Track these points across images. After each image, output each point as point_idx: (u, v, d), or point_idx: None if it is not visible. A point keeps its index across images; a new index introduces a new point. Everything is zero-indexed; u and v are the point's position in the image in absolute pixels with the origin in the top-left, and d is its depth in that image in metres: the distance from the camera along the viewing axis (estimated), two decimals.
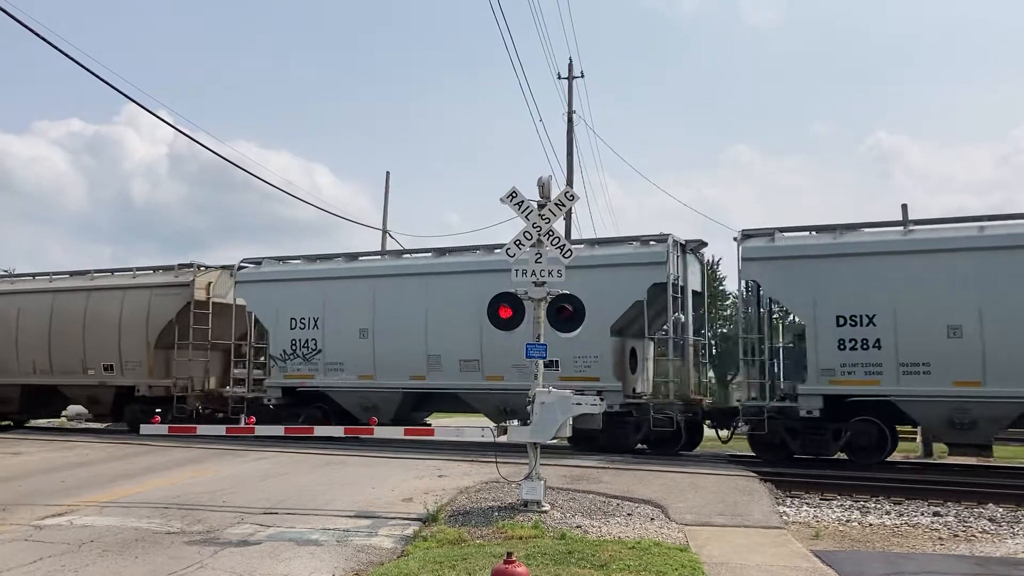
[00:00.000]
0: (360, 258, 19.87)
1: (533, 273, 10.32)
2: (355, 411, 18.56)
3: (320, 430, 12.98)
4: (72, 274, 23.23)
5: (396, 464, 13.81)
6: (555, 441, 11.72)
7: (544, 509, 9.68)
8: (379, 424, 15.68)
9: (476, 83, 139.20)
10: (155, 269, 22.41)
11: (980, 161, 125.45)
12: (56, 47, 13.61)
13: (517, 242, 10.47)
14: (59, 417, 26.63)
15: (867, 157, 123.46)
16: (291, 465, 13.72)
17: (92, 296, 21.79)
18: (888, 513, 10.90)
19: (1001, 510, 11.04)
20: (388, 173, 36.80)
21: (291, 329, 19.15)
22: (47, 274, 23.71)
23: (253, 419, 14.01)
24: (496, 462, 11.22)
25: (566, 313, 10.32)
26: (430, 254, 18.97)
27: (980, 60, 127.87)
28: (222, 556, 7.79)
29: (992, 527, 10.02)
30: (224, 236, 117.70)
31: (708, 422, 17.07)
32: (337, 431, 12.90)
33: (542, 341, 10.30)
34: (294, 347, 19.07)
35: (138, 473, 13.06)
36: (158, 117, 27.12)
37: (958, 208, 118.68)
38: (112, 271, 23.06)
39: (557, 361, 15.76)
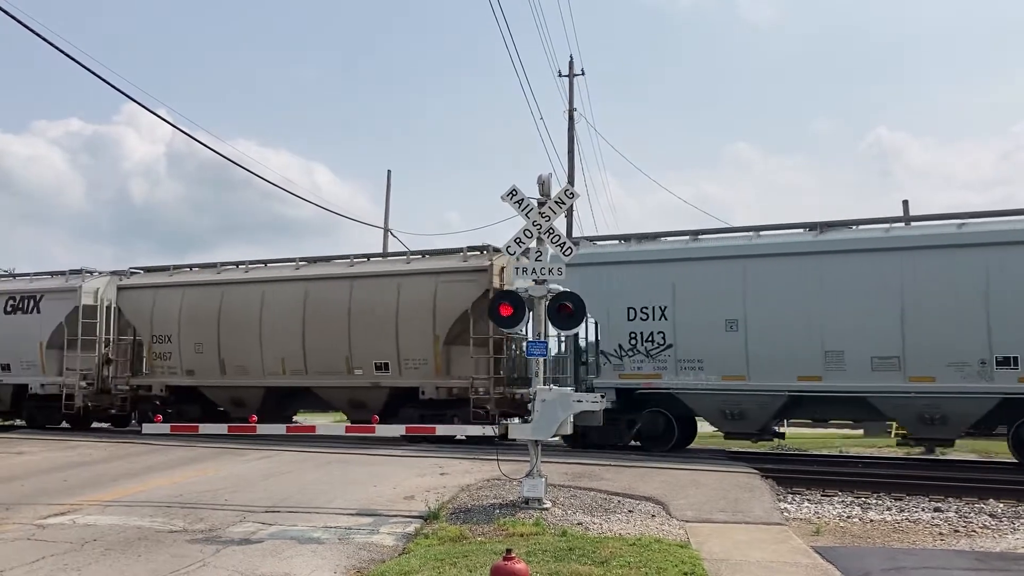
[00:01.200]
0: (714, 235, 16.76)
1: (533, 271, 10.35)
2: (713, 417, 16.03)
3: (322, 429, 12.98)
4: (317, 260, 20.27)
5: (398, 462, 13.83)
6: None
7: (545, 506, 9.71)
8: (750, 436, 16.08)
9: (476, 81, 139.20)
10: (429, 253, 19.50)
11: (981, 158, 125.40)
12: (55, 46, 13.61)
13: (517, 240, 10.50)
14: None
15: (868, 155, 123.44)
16: (293, 464, 13.75)
17: (358, 285, 18.78)
18: (889, 509, 10.92)
19: (1002, 506, 11.05)
20: (389, 172, 36.81)
21: (629, 320, 16.20)
22: (289, 261, 20.55)
23: (254, 417, 14.02)
24: (497, 460, 11.24)
25: (566, 310, 10.34)
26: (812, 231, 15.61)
27: (981, 56, 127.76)
28: (224, 554, 7.82)
29: (993, 522, 10.03)
30: (224, 235, 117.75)
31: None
32: (338, 429, 12.93)
33: (543, 339, 10.33)
34: (633, 342, 16.29)
35: (140, 472, 13.09)
36: (157, 115, 27.19)
37: (960, 204, 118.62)
38: (383, 255, 21.23)
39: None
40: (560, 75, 31.21)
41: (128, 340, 21.72)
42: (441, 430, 12.79)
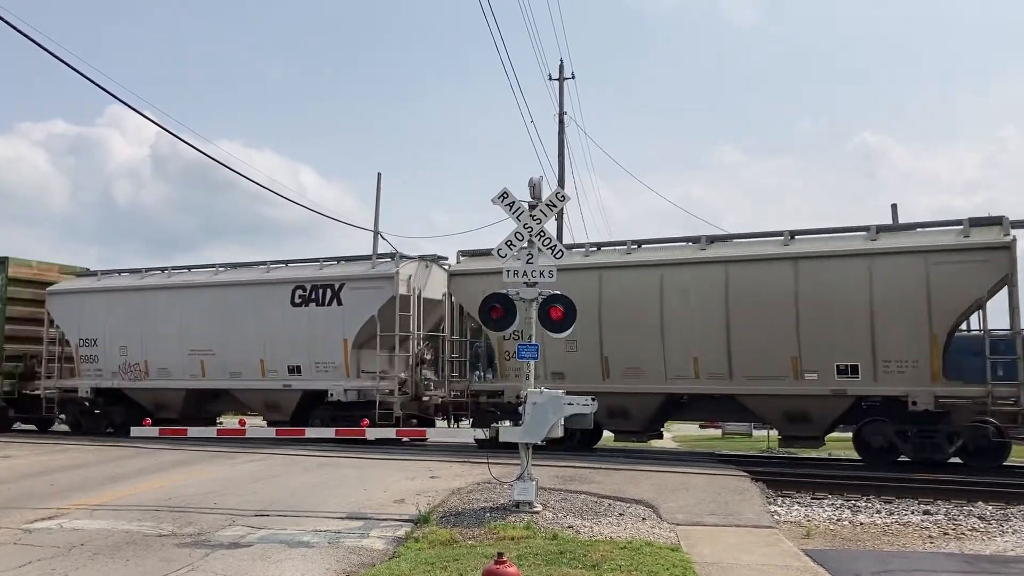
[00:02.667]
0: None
1: (524, 274, 10.34)
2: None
3: (311, 431, 12.95)
4: (712, 239, 16.59)
5: (388, 465, 13.79)
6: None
7: (536, 509, 9.69)
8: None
9: (466, 84, 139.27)
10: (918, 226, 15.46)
11: (965, 161, 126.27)
12: (39, 44, 13.48)
13: (508, 243, 10.48)
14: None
15: (853, 157, 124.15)
16: (283, 467, 13.69)
17: (803, 266, 15.10)
18: (879, 512, 10.94)
19: (990, 508, 11.09)
20: (379, 175, 36.57)
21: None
22: (687, 239, 16.92)
23: (243, 421, 13.95)
24: (488, 463, 11.22)
25: (557, 313, 10.33)
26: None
27: (966, 61, 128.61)
28: (213, 558, 7.77)
29: (982, 525, 10.07)
30: (209, 236, 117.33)
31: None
32: (328, 432, 12.88)
33: (534, 341, 10.31)
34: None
35: (129, 476, 13.01)
36: (143, 115, 27.02)
37: (944, 207, 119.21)
38: (875, 228, 15.15)
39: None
40: (551, 79, 31.26)
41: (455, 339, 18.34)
42: (432, 435, 12.76)
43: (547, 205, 10.57)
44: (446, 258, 19.46)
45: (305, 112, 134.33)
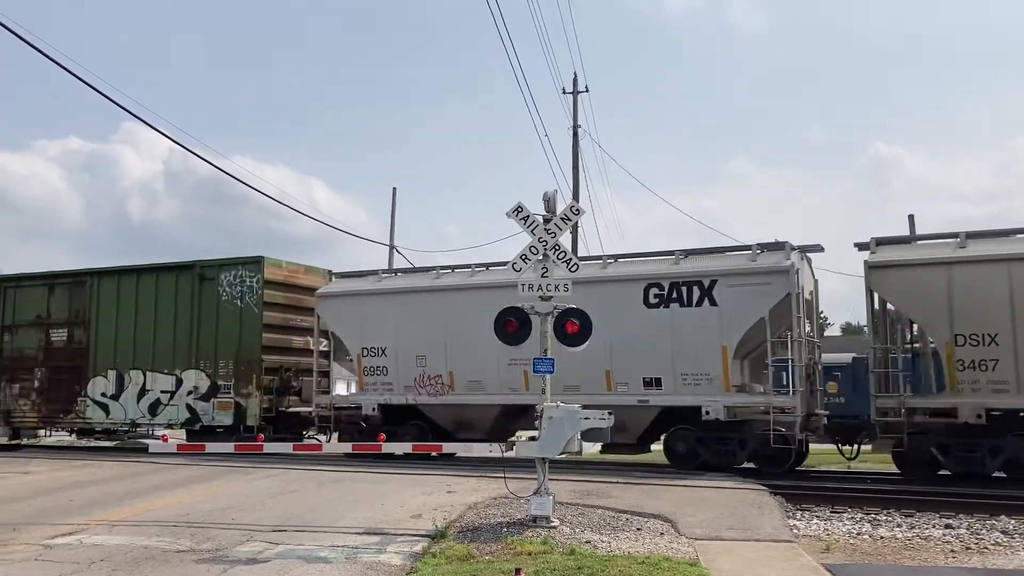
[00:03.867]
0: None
1: (539, 288, 10.35)
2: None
3: (328, 447, 12.98)
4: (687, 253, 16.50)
5: (405, 480, 13.79)
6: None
7: (553, 524, 9.66)
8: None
9: (479, 98, 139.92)
10: None
11: (980, 170, 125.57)
12: (55, 60, 13.72)
13: (523, 257, 10.51)
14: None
15: (866, 168, 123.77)
16: (299, 482, 13.72)
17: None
18: (899, 526, 10.83)
19: (1014, 522, 10.94)
20: (395, 189, 36.81)
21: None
22: None
23: (261, 436, 14.01)
24: (505, 477, 11.20)
25: (573, 327, 10.33)
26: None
27: (980, 69, 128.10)
28: (231, 574, 7.79)
29: (1005, 539, 9.94)
30: (222, 252, 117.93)
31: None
32: (345, 447, 12.92)
33: (549, 355, 10.31)
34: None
35: (147, 491, 13.07)
36: (158, 130, 27.22)
37: (958, 217, 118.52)
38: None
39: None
40: (564, 92, 31.40)
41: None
42: (447, 449, 12.75)
43: (562, 219, 10.59)
44: (819, 247, 16.57)
45: (318, 126, 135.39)
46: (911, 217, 24.94)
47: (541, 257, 10.44)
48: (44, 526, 10.19)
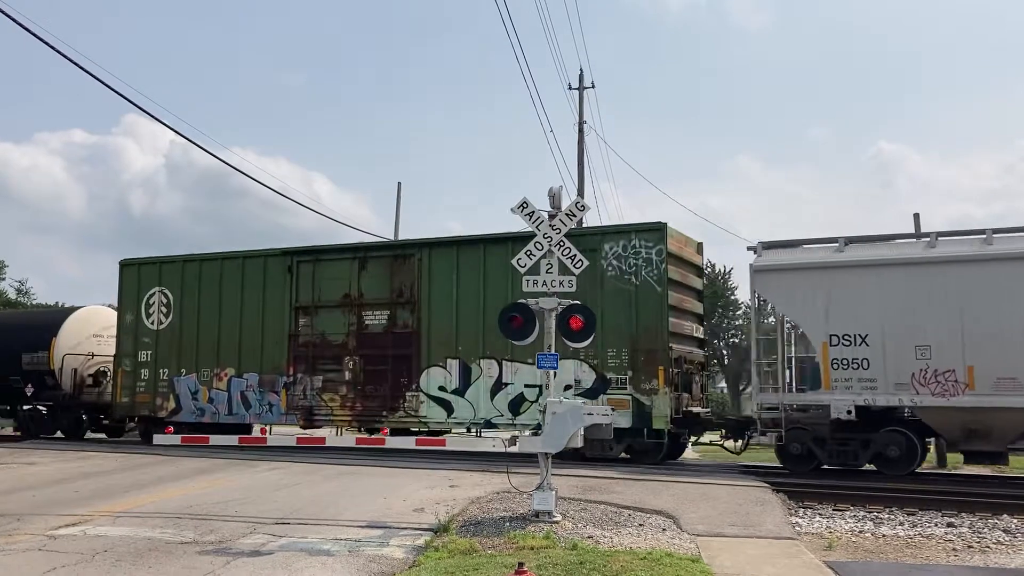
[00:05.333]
0: None
1: (544, 283, 10.36)
2: None
3: (331, 440, 13.00)
4: None
5: (408, 474, 13.82)
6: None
7: (555, 519, 9.67)
8: None
9: (484, 94, 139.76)
10: None
11: (984, 171, 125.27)
12: (57, 50, 13.74)
13: (528, 252, 10.51)
14: None
15: (869, 166, 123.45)
16: (303, 475, 13.76)
17: None
18: (902, 524, 10.83)
19: (1016, 521, 10.94)
20: (400, 184, 36.84)
21: None
22: None
23: (264, 429, 14.07)
24: (508, 472, 11.23)
25: (577, 323, 10.34)
26: None
27: (983, 69, 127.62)
28: (234, 566, 7.82)
29: (1007, 538, 9.94)
30: (225, 245, 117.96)
31: None
32: (349, 441, 12.94)
33: (554, 351, 10.32)
34: None
35: (151, 483, 13.12)
36: (160, 121, 27.41)
37: (962, 217, 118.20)
38: None
39: None
40: (570, 88, 31.37)
41: None
42: (450, 443, 12.77)
43: (567, 215, 10.59)
44: None
45: (320, 121, 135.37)
46: (916, 216, 24.76)
47: (546, 253, 10.46)
48: (48, 517, 10.23)
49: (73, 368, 22.42)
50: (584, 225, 16.42)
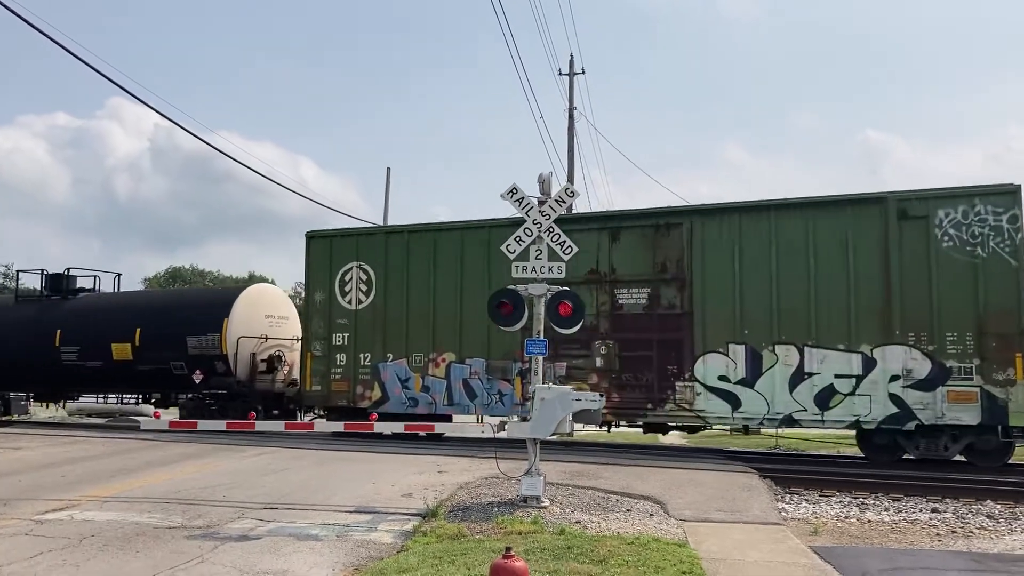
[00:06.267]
0: None
1: (533, 269, 10.36)
2: None
3: (320, 425, 12.99)
4: None
5: (396, 460, 13.84)
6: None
7: (543, 505, 9.71)
8: None
9: (473, 79, 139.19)
10: None
11: (970, 160, 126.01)
12: (38, 29, 13.53)
13: (517, 239, 10.50)
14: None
15: (856, 154, 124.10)
16: (291, 460, 13.75)
17: None
18: (887, 509, 10.93)
19: (999, 507, 11.06)
20: (389, 169, 36.76)
21: None
22: None
23: (253, 414, 14.01)
24: (496, 458, 11.26)
25: (566, 309, 10.35)
26: None
27: (971, 58, 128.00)
28: (222, 551, 7.82)
29: (990, 524, 10.05)
30: (211, 230, 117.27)
31: None
32: (337, 427, 12.93)
33: (542, 337, 10.33)
34: None
35: (139, 468, 13.09)
36: (145, 104, 27.14)
37: None
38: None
39: None
40: (560, 73, 31.29)
41: None
42: (440, 428, 12.79)
43: (556, 201, 10.58)
44: None
45: (306, 105, 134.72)
46: None
47: (535, 239, 10.45)
48: (35, 502, 10.20)
49: (251, 352, 20.16)
50: (918, 188, 14.55)
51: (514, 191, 10.53)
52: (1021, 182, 13.93)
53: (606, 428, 17.25)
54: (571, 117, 30.44)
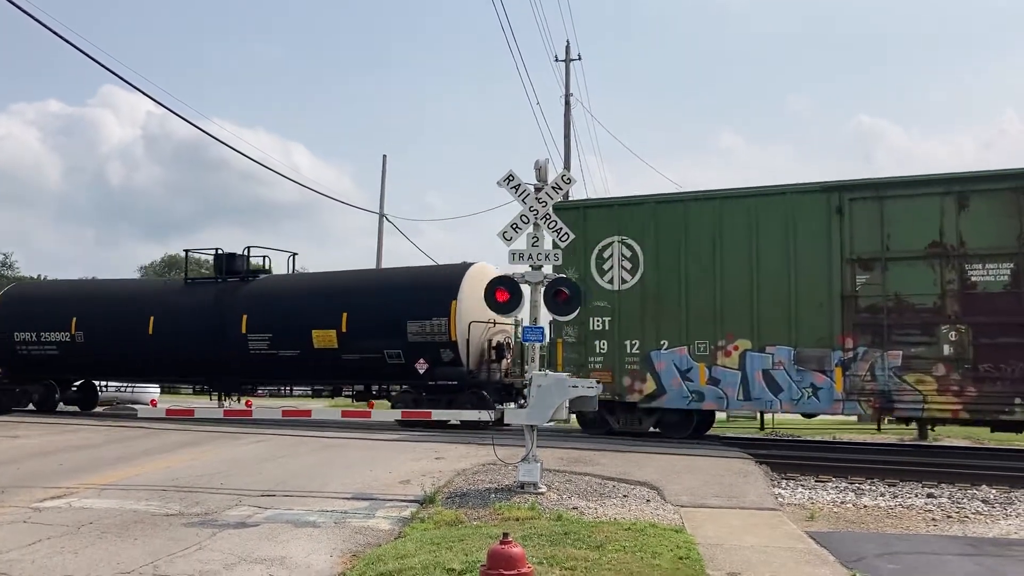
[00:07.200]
0: None
1: (530, 257, 10.35)
2: None
3: (317, 413, 13.01)
4: None
5: (394, 447, 13.86)
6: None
7: (540, 491, 9.73)
8: None
9: (468, 65, 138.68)
10: None
11: (964, 145, 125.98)
12: (34, 17, 13.45)
13: (514, 226, 10.48)
14: None
15: (849, 140, 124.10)
16: (289, 448, 13.77)
17: None
18: (883, 495, 10.98)
19: (994, 492, 11.12)
20: (384, 156, 36.63)
21: None
22: None
23: (251, 401, 14.05)
24: (493, 444, 11.27)
25: (563, 296, 10.35)
26: None
27: (965, 43, 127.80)
28: (220, 538, 7.83)
29: (985, 508, 10.10)
30: (205, 218, 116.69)
31: None
32: (335, 414, 12.95)
33: (539, 324, 10.33)
34: None
35: (136, 456, 13.10)
36: (139, 90, 27.04)
37: None
38: None
39: None
40: (557, 60, 31.23)
41: None
42: (436, 415, 12.81)
43: (553, 188, 10.55)
44: None
45: (299, 91, 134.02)
46: None
47: (532, 227, 10.43)
48: (33, 489, 10.20)
49: (486, 339, 18.09)
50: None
51: (510, 178, 10.50)
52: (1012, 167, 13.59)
53: (930, 427, 15.63)
54: (567, 103, 30.38)
